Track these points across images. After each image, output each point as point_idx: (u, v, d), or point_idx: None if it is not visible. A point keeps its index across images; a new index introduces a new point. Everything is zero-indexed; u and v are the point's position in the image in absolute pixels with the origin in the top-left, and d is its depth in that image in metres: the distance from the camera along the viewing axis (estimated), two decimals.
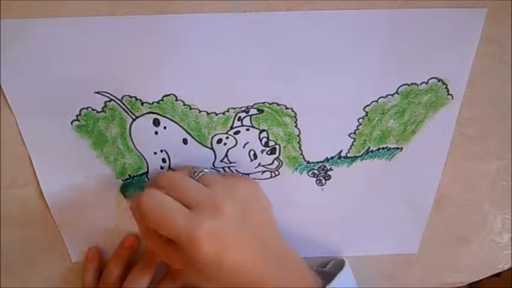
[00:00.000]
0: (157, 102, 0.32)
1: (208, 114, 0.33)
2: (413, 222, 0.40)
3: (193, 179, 0.32)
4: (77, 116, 0.32)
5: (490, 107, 0.34)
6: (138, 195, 0.29)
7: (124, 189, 0.36)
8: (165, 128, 0.33)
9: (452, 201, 0.39)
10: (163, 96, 0.32)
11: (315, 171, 0.36)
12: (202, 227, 0.27)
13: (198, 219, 0.28)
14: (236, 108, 0.32)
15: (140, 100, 0.32)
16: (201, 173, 0.32)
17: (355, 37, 0.30)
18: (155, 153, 0.35)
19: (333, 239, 0.40)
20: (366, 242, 0.41)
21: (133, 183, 0.36)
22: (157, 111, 0.32)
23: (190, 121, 0.33)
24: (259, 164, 0.35)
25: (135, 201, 0.30)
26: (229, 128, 0.33)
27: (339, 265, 0.39)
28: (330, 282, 0.34)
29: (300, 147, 0.35)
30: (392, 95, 0.32)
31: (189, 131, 0.33)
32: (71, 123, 0.33)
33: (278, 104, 0.32)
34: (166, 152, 0.35)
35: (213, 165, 0.35)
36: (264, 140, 0.34)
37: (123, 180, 0.36)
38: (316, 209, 0.38)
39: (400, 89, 0.32)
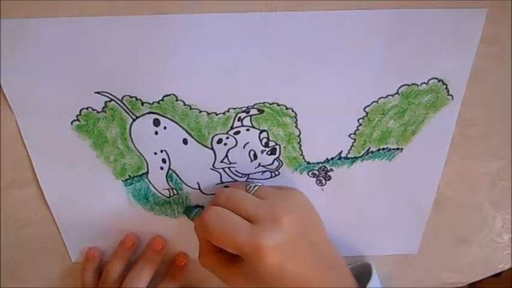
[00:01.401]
0: (158, 102, 0.32)
1: (208, 114, 0.33)
2: (413, 222, 0.40)
3: (250, 193, 0.33)
4: (77, 116, 0.32)
5: (490, 107, 0.34)
6: (202, 213, 0.31)
7: (187, 212, 0.37)
8: (165, 128, 0.33)
9: (452, 201, 0.39)
10: (164, 96, 0.32)
11: (315, 172, 0.36)
12: (265, 239, 0.28)
13: (261, 231, 0.29)
14: (236, 108, 0.32)
15: (140, 100, 0.32)
16: (256, 187, 0.33)
17: (355, 37, 0.30)
18: (155, 153, 0.35)
19: (332, 239, 0.40)
20: (365, 242, 0.41)
21: (195, 206, 0.37)
22: (157, 111, 0.32)
23: (190, 121, 0.33)
24: (259, 164, 0.35)
25: (199, 219, 0.31)
26: (229, 128, 0.33)
27: (362, 269, 0.39)
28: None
29: (300, 148, 0.35)
30: (392, 95, 0.32)
31: (189, 131, 0.33)
32: (71, 123, 0.33)
33: (278, 104, 0.32)
34: (167, 152, 0.35)
35: (213, 165, 0.35)
36: (264, 140, 0.34)
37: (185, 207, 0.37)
38: (316, 210, 0.38)
39: (400, 90, 0.32)
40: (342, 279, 0.33)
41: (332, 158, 0.35)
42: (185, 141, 0.34)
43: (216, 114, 0.33)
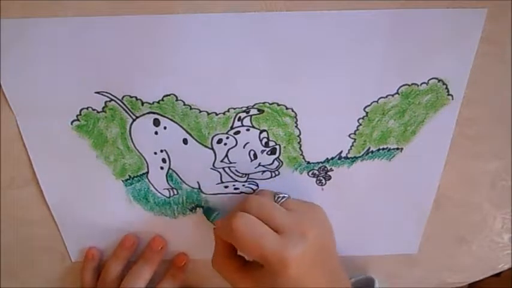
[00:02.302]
0: (158, 102, 0.32)
1: (208, 114, 0.33)
2: (413, 222, 0.40)
3: (277, 203, 0.33)
4: (77, 116, 0.32)
5: (490, 107, 0.34)
6: (231, 217, 0.31)
7: (207, 213, 0.37)
8: (165, 128, 0.33)
9: (452, 201, 0.39)
10: (164, 96, 0.32)
11: (315, 172, 0.36)
12: (292, 250, 0.29)
13: (288, 242, 0.29)
14: (236, 108, 0.32)
15: (140, 100, 0.32)
16: (284, 199, 0.34)
17: (355, 37, 0.30)
18: (155, 153, 0.35)
19: None
20: (365, 242, 0.41)
21: (215, 208, 0.37)
22: (157, 111, 0.32)
23: (190, 121, 0.33)
24: (259, 164, 0.35)
25: (226, 222, 0.31)
26: (229, 128, 0.33)
27: (366, 281, 0.40)
28: None
29: (300, 148, 0.35)
30: (392, 95, 0.32)
31: (189, 131, 0.33)
32: (71, 123, 0.33)
33: (278, 104, 0.32)
34: (167, 152, 0.35)
35: (213, 165, 0.35)
36: (264, 140, 0.34)
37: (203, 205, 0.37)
38: None
39: (400, 90, 0.32)
40: None
41: (332, 158, 0.35)
42: (185, 141, 0.34)
43: (216, 114, 0.33)
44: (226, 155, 0.35)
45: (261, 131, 0.34)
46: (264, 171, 0.36)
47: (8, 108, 0.32)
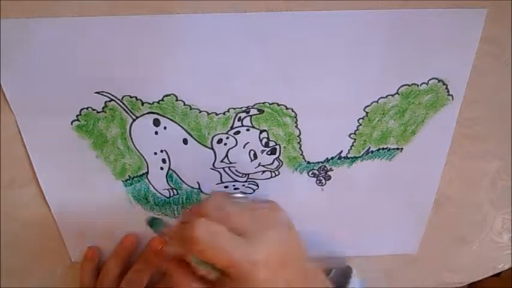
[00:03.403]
0: (158, 102, 0.32)
1: (208, 114, 0.33)
2: (413, 222, 0.40)
3: (234, 204, 0.32)
4: (77, 116, 0.32)
5: (490, 107, 0.34)
6: (190, 226, 0.28)
7: (152, 224, 0.32)
8: (165, 128, 0.33)
9: (452, 201, 0.39)
10: (164, 96, 0.32)
11: (315, 172, 0.36)
12: (259, 252, 0.27)
13: (253, 245, 0.28)
14: (236, 108, 0.32)
15: (140, 100, 0.32)
16: (240, 199, 0.33)
17: (356, 37, 0.30)
18: (155, 153, 0.35)
19: (332, 239, 0.40)
20: (365, 242, 0.41)
21: (161, 219, 0.32)
22: (157, 111, 0.32)
23: (190, 121, 0.33)
24: (259, 164, 0.35)
25: (183, 232, 0.28)
26: (229, 128, 0.33)
27: (344, 273, 0.39)
28: None
29: (300, 148, 0.35)
30: (392, 95, 0.32)
31: (189, 131, 0.33)
32: (71, 123, 0.33)
33: (278, 104, 0.32)
34: (167, 152, 0.35)
35: (213, 165, 0.35)
36: (264, 140, 0.34)
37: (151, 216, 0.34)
38: (316, 209, 0.38)
39: (400, 90, 0.32)
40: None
41: (332, 158, 0.35)
42: (185, 141, 0.34)
43: (216, 114, 0.33)
44: (226, 155, 0.35)
45: (261, 131, 0.34)
46: (264, 171, 0.36)
47: (8, 108, 0.32)
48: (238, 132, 0.34)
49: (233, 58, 0.30)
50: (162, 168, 0.35)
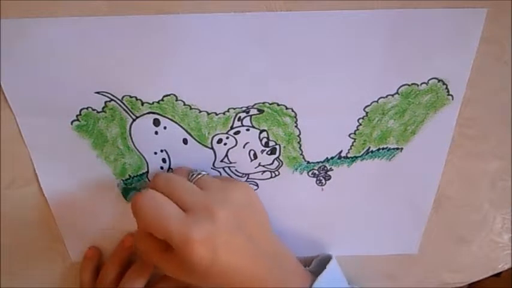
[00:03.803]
0: (158, 102, 0.32)
1: (208, 114, 0.33)
2: (413, 222, 0.40)
3: (191, 181, 0.32)
4: (77, 116, 0.32)
5: (490, 107, 0.34)
6: (136, 196, 0.29)
7: (125, 192, 0.36)
8: (165, 128, 0.33)
9: (452, 201, 0.39)
10: (164, 96, 0.32)
11: (315, 172, 0.36)
12: (195, 231, 0.27)
13: (192, 222, 0.27)
14: (236, 108, 0.32)
15: (140, 100, 0.32)
16: (199, 176, 0.32)
17: (355, 37, 0.30)
18: (155, 153, 0.35)
19: (332, 239, 0.40)
20: (365, 242, 0.41)
21: (134, 187, 0.35)
22: (157, 111, 0.32)
23: (190, 121, 0.33)
24: (259, 164, 0.35)
25: (132, 201, 0.30)
26: (229, 128, 0.33)
27: (326, 261, 0.38)
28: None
29: (300, 148, 0.35)
30: (392, 95, 0.32)
31: (189, 131, 0.33)
32: (71, 123, 0.33)
33: (278, 104, 0.32)
34: (167, 152, 0.35)
35: (213, 165, 0.35)
36: (264, 140, 0.34)
37: (123, 180, 0.36)
38: (316, 209, 0.38)
39: (400, 89, 0.32)
40: (288, 278, 0.32)
41: (332, 158, 0.35)
42: (185, 141, 0.34)
43: (216, 114, 0.33)
44: (226, 155, 0.35)
45: (261, 131, 0.34)
46: (264, 171, 0.36)
47: (8, 108, 0.32)
48: (238, 132, 0.34)
49: (233, 58, 0.30)
50: (162, 168, 0.35)
